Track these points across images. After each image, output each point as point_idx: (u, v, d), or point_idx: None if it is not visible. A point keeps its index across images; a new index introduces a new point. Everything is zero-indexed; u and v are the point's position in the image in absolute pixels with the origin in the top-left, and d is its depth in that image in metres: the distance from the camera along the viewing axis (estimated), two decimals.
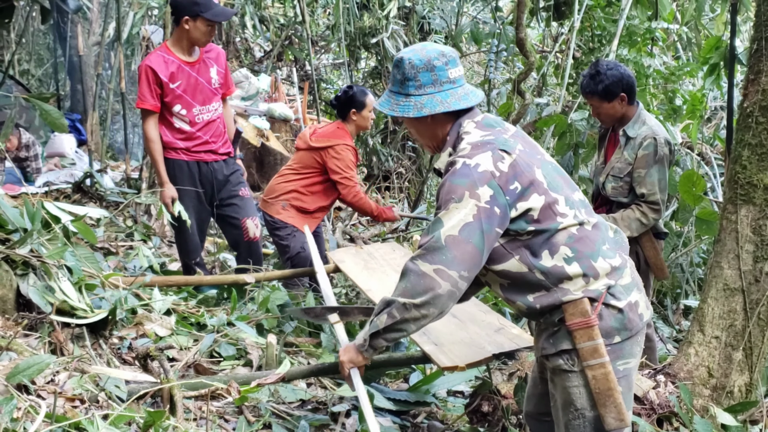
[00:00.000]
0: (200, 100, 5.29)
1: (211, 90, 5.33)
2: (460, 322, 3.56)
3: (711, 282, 3.67)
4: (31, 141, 9.15)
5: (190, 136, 5.31)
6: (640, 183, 4.48)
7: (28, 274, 3.52)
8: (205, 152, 5.37)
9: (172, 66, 5.18)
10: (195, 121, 5.29)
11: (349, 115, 5.54)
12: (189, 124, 5.28)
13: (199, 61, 5.28)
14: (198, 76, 5.26)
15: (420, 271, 2.52)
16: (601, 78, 4.48)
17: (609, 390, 2.54)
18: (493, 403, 3.58)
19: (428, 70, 2.68)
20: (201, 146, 5.35)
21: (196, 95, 5.27)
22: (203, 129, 5.33)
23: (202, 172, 5.37)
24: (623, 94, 4.49)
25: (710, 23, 8.36)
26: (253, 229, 5.49)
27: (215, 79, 5.34)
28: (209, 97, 5.33)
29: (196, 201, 5.35)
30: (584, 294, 2.55)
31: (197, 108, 5.28)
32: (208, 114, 5.33)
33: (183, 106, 5.23)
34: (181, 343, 3.94)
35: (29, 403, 2.65)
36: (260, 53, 13.52)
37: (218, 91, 5.39)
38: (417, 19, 10.80)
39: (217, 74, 5.36)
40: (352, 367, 2.80)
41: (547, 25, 8.64)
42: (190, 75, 5.24)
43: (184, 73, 5.21)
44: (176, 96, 5.20)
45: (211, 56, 5.36)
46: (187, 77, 5.23)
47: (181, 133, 5.29)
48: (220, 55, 5.46)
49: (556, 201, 2.58)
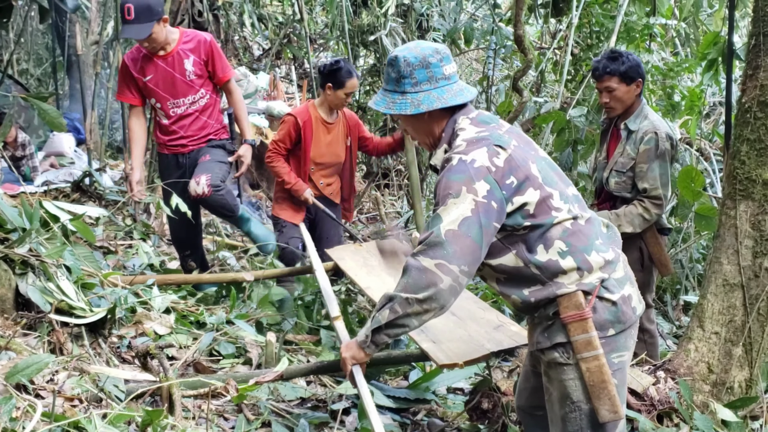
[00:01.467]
0: (173, 93, 5.23)
1: (185, 82, 5.25)
2: (459, 319, 3.56)
3: (710, 278, 3.67)
4: (27, 140, 9.16)
5: (166, 129, 5.33)
6: (641, 178, 4.48)
7: (27, 274, 3.52)
8: (181, 146, 5.36)
9: (144, 60, 5.17)
10: (170, 115, 5.29)
11: (325, 88, 5.51)
12: (165, 117, 5.30)
13: (172, 53, 5.21)
14: (170, 69, 5.20)
15: (421, 266, 2.53)
16: (623, 60, 4.49)
17: (603, 383, 2.55)
18: (493, 400, 3.59)
19: (424, 67, 2.69)
20: (177, 140, 5.34)
21: (168, 88, 5.22)
22: (178, 123, 5.30)
23: (181, 164, 5.37)
24: (639, 80, 4.51)
25: (708, 19, 8.35)
26: (194, 187, 5.15)
27: (191, 70, 5.24)
28: (184, 90, 5.26)
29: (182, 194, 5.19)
30: (578, 287, 2.57)
31: (171, 101, 5.25)
32: (182, 107, 5.29)
33: (157, 99, 5.25)
34: (180, 342, 3.94)
35: (28, 403, 2.65)
36: (259, 51, 13.52)
37: (195, 83, 5.29)
38: (415, 16, 10.78)
39: (193, 65, 5.25)
40: (354, 363, 2.81)
41: (545, 22, 8.63)
42: (160, 68, 5.19)
43: (156, 66, 5.18)
44: (150, 89, 5.21)
45: (187, 47, 5.25)
46: (158, 70, 5.19)
47: (161, 126, 5.34)
48: (201, 44, 5.29)
49: (550, 195, 2.60)
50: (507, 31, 9.28)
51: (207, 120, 5.39)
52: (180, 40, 5.25)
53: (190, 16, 9.16)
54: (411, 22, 10.74)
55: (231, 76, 5.46)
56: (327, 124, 5.62)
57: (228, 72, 5.45)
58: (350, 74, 5.49)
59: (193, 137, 5.37)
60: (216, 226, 7.87)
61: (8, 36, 12.10)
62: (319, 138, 5.59)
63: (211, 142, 5.44)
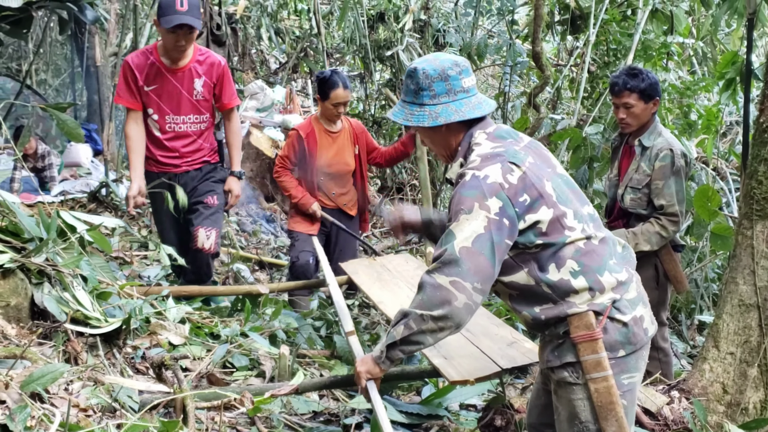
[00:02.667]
0: (175, 109, 5.11)
1: (191, 101, 5.13)
2: (473, 335, 3.55)
3: (726, 298, 3.65)
4: (46, 151, 9.22)
5: (160, 143, 5.16)
6: (658, 195, 4.47)
7: (43, 283, 3.53)
8: (173, 166, 5.20)
9: (152, 68, 5.04)
10: (165, 130, 5.13)
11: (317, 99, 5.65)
12: (159, 130, 5.14)
13: (184, 69, 5.09)
14: (178, 84, 5.07)
15: (436, 283, 2.52)
16: (643, 77, 4.49)
17: (611, 404, 2.54)
18: (506, 417, 3.57)
19: (442, 79, 2.69)
20: (170, 158, 5.19)
21: (171, 103, 5.09)
22: (174, 140, 5.17)
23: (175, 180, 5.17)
24: (657, 98, 4.51)
25: (726, 38, 8.34)
26: (203, 239, 5.14)
27: (199, 91, 5.13)
28: (187, 108, 5.14)
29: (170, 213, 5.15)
30: (589, 307, 2.56)
31: (170, 116, 5.11)
32: (182, 125, 5.16)
33: (155, 110, 5.09)
34: (194, 353, 3.94)
35: (43, 412, 2.66)
36: (276, 65, 13.59)
37: (201, 105, 5.17)
38: (432, 32, 10.81)
39: (203, 86, 5.13)
40: (369, 378, 2.80)
41: (563, 39, 8.65)
42: (168, 81, 5.06)
43: (163, 77, 5.06)
44: (149, 99, 5.07)
45: (201, 67, 5.14)
46: (165, 83, 5.06)
47: (153, 138, 5.16)
48: (214, 67, 5.18)
49: (564, 214, 2.59)
50: (521, 48, 9.31)
51: (203, 143, 5.28)
52: (194, 57, 5.12)
53: (209, 29, 9.22)
54: (428, 38, 10.78)
55: (236, 105, 5.38)
56: (330, 133, 5.66)
57: (234, 100, 5.35)
58: (335, 85, 5.48)
59: (188, 159, 5.24)
60: (231, 239, 7.89)
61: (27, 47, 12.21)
62: (324, 148, 5.62)
63: (207, 167, 5.32)
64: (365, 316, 5.60)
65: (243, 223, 9.04)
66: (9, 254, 3.42)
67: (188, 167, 5.25)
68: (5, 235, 3.64)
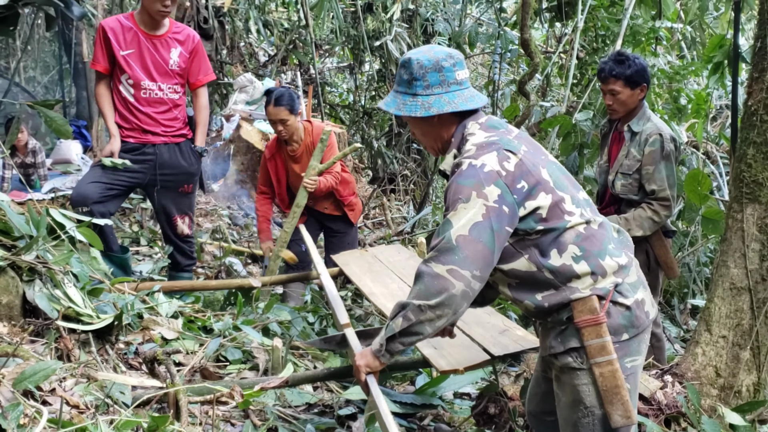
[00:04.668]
0: (150, 76, 5.12)
1: (167, 70, 5.17)
2: (465, 324, 3.56)
3: (717, 281, 3.66)
4: (37, 147, 9.18)
5: (136, 109, 5.14)
6: (649, 180, 4.47)
7: (35, 281, 3.52)
8: (152, 133, 5.20)
9: (128, 32, 5.06)
10: (140, 96, 5.13)
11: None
12: (133, 96, 5.12)
13: (162, 37, 5.15)
14: (154, 52, 5.11)
15: (433, 272, 2.52)
16: (630, 63, 4.48)
17: (616, 387, 2.55)
18: (500, 405, 3.58)
19: (436, 70, 2.69)
20: (150, 125, 5.18)
21: (147, 69, 5.11)
22: (148, 106, 5.16)
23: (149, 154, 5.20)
24: (644, 84, 4.50)
25: (714, 22, 8.35)
26: (182, 226, 5.39)
27: (175, 60, 5.18)
28: (163, 76, 5.16)
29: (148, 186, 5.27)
30: (592, 292, 2.56)
31: (146, 82, 5.12)
32: (158, 92, 5.17)
33: (130, 75, 5.09)
34: (187, 347, 3.94)
35: (36, 410, 2.65)
36: (264, 57, 13.56)
37: (175, 74, 5.21)
38: (420, 21, 10.81)
39: (179, 57, 5.19)
40: (369, 372, 2.80)
41: (551, 26, 8.65)
42: (145, 46, 5.09)
43: (140, 43, 5.08)
44: (125, 63, 5.06)
45: (178, 37, 5.21)
46: (141, 48, 5.08)
47: (127, 104, 5.14)
48: (190, 40, 5.27)
49: (562, 199, 2.60)
50: (512, 35, 9.30)
51: (177, 115, 5.30)
52: (171, 29, 5.19)
53: (196, 22, 9.20)
54: (416, 27, 10.78)
55: (209, 80, 5.42)
56: (291, 154, 5.62)
57: (209, 75, 5.42)
58: (267, 102, 5.42)
59: (166, 128, 5.24)
60: (222, 232, 7.88)
61: (15, 44, 12.16)
62: (289, 169, 5.63)
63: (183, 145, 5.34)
64: (358, 307, 5.61)
65: (235, 216, 9.03)
66: None
67: (167, 138, 5.26)
68: None
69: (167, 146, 5.25)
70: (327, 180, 5.43)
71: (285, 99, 5.35)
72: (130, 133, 5.17)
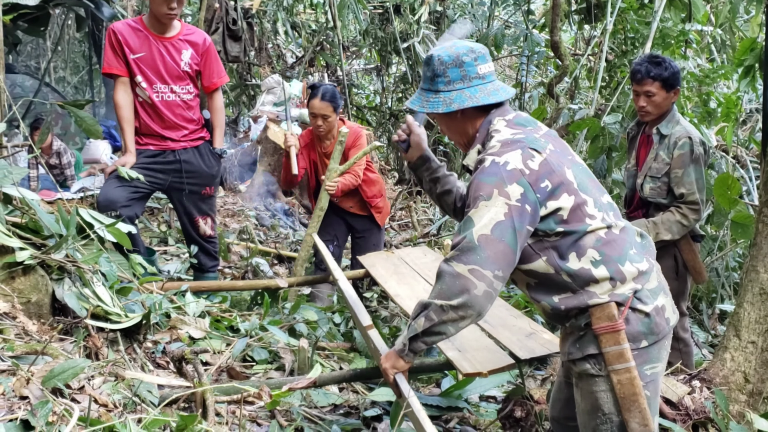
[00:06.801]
0: (162, 78, 5.13)
1: (179, 72, 5.17)
2: (491, 326, 3.55)
3: (747, 286, 3.62)
4: (62, 148, 9.25)
5: (151, 113, 5.15)
6: (678, 183, 4.43)
7: (64, 279, 3.56)
8: (171, 140, 5.21)
9: (138, 35, 5.07)
10: (154, 98, 5.13)
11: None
12: (149, 98, 5.12)
13: (173, 39, 5.15)
14: (165, 54, 5.12)
15: (455, 272, 2.51)
16: (666, 66, 4.45)
17: (634, 395, 2.53)
18: (526, 408, 3.56)
19: (457, 66, 2.69)
20: (163, 128, 5.18)
21: (158, 71, 5.12)
22: (164, 108, 5.16)
23: (170, 161, 5.22)
24: (678, 87, 4.48)
25: (745, 25, 8.26)
26: (204, 227, 5.44)
27: (186, 62, 5.18)
28: (175, 78, 5.17)
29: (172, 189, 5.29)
30: (611, 298, 2.54)
31: (158, 85, 5.13)
32: (170, 95, 5.18)
33: (144, 78, 5.10)
34: (214, 347, 3.96)
35: (64, 407, 2.67)
36: (292, 59, 13.59)
37: (187, 75, 5.21)
38: (448, 23, 10.80)
39: (190, 58, 5.19)
40: (396, 372, 2.80)
41: (580, 28, 8.60)
42: (156, 49, 5.10)
43: (150, 45, 5.09)
44: (137, 67, 5.07)
45: (189, 39, 5.21)
46: (152, 50, 5.09)
47: (144, 108, 5.14)
48: (201, 42, 5.27)
49: (585, 202, 2.57)
50: (539, 38, 9.26)
51: (192, 116, 5.31)
52: (181, 31, 5.20)
53: (225, 24, 9.23)
54: (444, 29, 10.76)
55: (222, 83, 5.44)
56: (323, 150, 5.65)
57: (223, 78, 5.43)
58: (313, 96, 5.45)
59: (184, 132, 5.26)
60: (249, 233, 7.91)
61: (46, 44, 12.29)
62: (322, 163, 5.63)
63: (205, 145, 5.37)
64: (384, 309, 5.61)
65: (261, 217, 9.06)
66: (29, 251, 3.44)
67: (187, 143, 5.28)
68: (25, 233, 3.67)
69: (186, 151, 5.27)
70: (346, 180, 5.44)
71: (331, 95, 5.42)
72: (149, 140, 5.20)
